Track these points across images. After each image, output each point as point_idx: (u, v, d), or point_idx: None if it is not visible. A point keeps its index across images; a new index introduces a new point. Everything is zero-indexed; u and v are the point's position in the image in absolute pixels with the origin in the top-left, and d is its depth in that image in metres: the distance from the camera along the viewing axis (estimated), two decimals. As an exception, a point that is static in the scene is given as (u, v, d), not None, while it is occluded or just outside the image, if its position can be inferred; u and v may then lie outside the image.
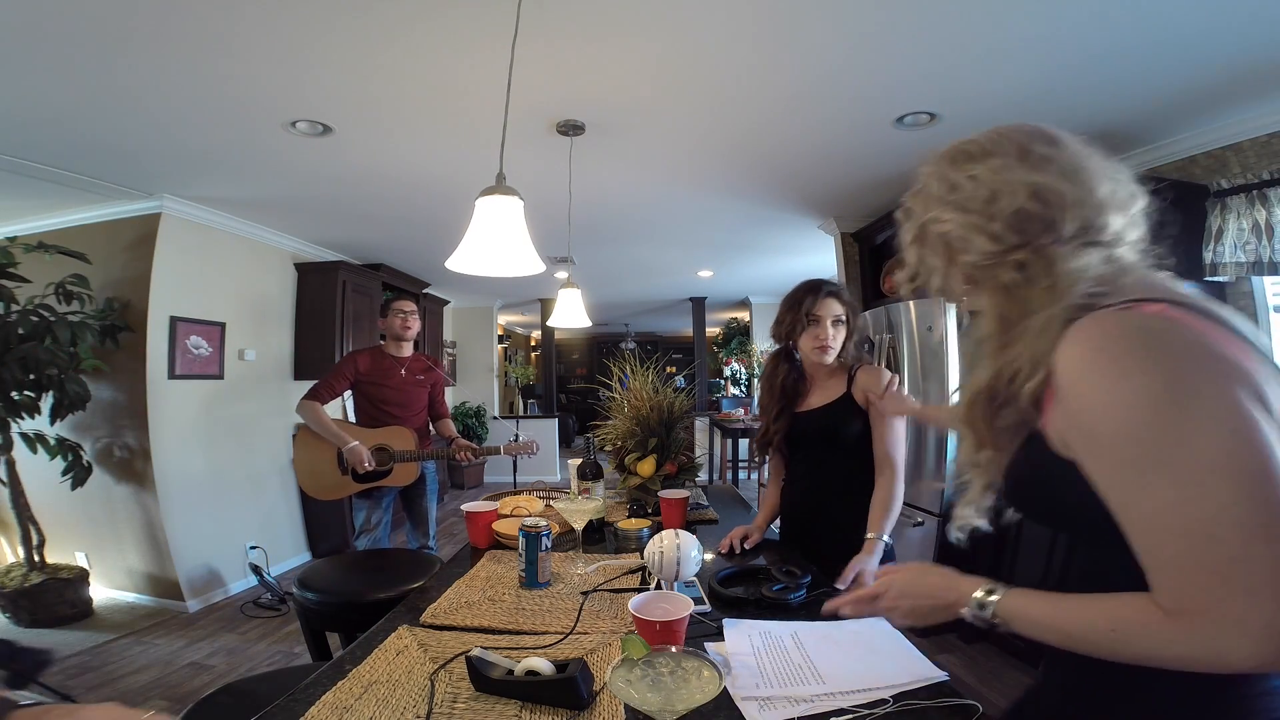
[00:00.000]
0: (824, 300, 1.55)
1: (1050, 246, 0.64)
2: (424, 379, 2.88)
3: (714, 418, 6.46)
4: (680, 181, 3.05)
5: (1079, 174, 0.64)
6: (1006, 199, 0.65)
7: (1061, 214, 0.63)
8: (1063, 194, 0.63)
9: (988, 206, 0.66)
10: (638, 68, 1.92)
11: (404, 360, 2.83)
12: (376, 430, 2.70)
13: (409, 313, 2.83)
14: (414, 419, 2.84)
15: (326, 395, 2.68)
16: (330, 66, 1.87)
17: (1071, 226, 0.63)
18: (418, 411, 2.87)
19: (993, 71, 1.93)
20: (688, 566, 1.16)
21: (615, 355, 2.49)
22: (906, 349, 2.96)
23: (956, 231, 0.68)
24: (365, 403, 2.79)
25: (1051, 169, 0.64)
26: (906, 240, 0.77)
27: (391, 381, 2.77)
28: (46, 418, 2.82)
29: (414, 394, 2.84)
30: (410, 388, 2.82)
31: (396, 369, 2.79)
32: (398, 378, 2.78)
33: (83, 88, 1.95)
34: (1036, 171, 0.64)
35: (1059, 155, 0.65)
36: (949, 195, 0.70)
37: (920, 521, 2.81)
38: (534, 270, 1.33)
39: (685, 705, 0.67)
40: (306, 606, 1.63)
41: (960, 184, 0.68)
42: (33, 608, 2.86)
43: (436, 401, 2.98)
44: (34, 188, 2.81)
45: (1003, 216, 0.65)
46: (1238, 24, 1.65)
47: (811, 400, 1.62)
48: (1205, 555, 0.48)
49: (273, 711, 0.80)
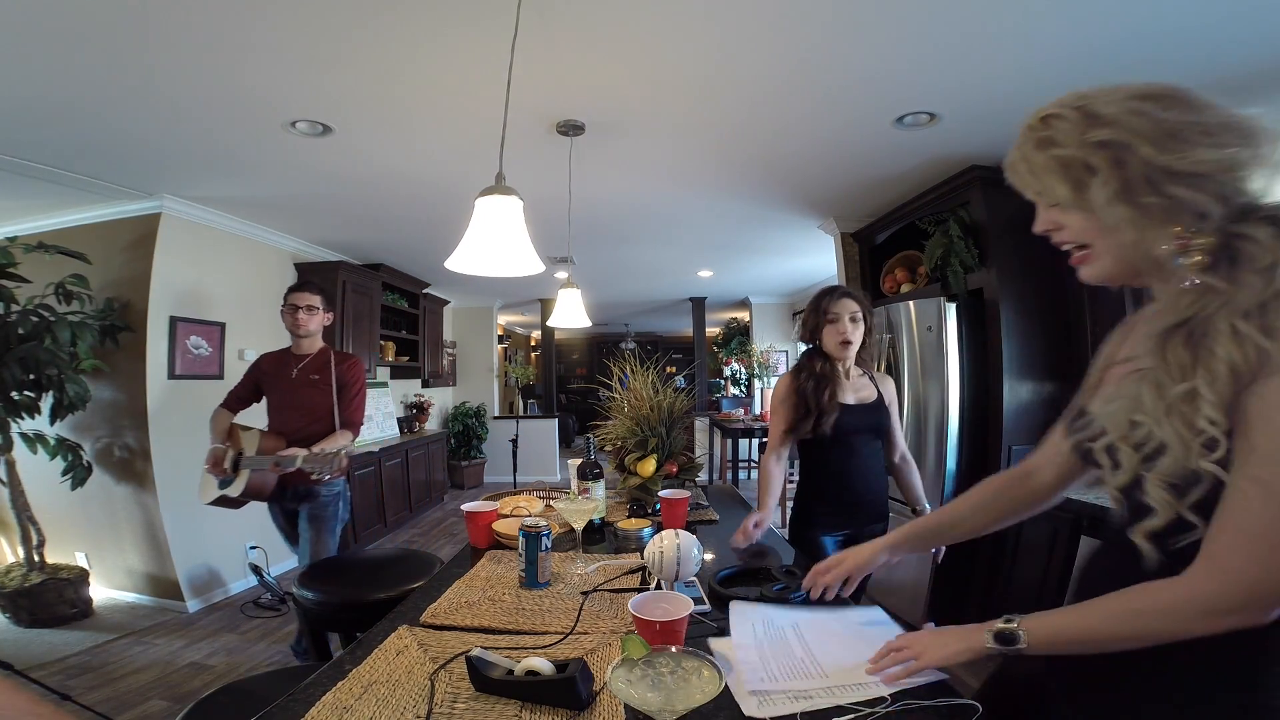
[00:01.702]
0: (840, 300, 1.77)
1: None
2: (320, 378, 2.42)
3: (714, 418, 6.46)
4: (680, 181, 3.05)
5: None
6: (1268, 145, 0.61)
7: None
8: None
9: (1248, 141, 0.60)
10: (638, 68, 1.92)
11: (303, 358, 2.47)
12: (245, 434, 2.36)
13: (302, 307, 2.42)
14: (310, 425, 2.36)
15: (231, 399, 2.47)
16: (330, 66, 1.87)
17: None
18: (317, 418, 2.39)
19: (993, 72, 1.93)
20: (688, 566, 1.16)
21: (615, 355, 2.47)
22: (906, 349, 2.96)
23: (1212, 169, 0.60)
24: (269, 405, 2.49)
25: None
26: (1106, 195, 0.64)
27: (283, 383, 2.43)
28: (46, 418, 2.81)
29: (307, 397, 2.40)
30: (302, 389, 2.41)
31: (290, 368, 2.44)
32: (287, 379, 2.43)
33: (83, 88, 1.95)
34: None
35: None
36: (1194, 133, 0.60)
37: (920, 521, 2.80)
38: (533, 270, 1.33)
39: (685, 705, 0.67)
40: (306, 606, 1.63)
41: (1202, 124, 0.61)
42: (33, 608, 2.86)
43: (338, 407, 2.41)
44: (34, 188, 2.81)
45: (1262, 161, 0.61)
46: (1238, 24, 1.65)
47: (847, 396, 1.79)
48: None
49: (273, 711, 0.80)
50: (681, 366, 8.72)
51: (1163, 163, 0.60)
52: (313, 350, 2.50)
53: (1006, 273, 2.61)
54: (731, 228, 4.02)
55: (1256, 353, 0.55)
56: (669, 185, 3.11)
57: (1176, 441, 0.59)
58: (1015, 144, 0.73)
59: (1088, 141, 0.64)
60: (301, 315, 2.43)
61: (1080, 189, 0.66)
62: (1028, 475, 0.93)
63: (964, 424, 2.73)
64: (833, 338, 1.77)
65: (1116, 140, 0.63)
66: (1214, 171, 0.60)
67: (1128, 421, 0.64)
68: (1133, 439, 0.63)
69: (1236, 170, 0.60)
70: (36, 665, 2.44)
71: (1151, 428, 0.61)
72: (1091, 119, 0.65)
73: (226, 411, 2.47)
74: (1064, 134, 0.66)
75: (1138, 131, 0.62)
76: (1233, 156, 0.60)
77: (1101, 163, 0.64)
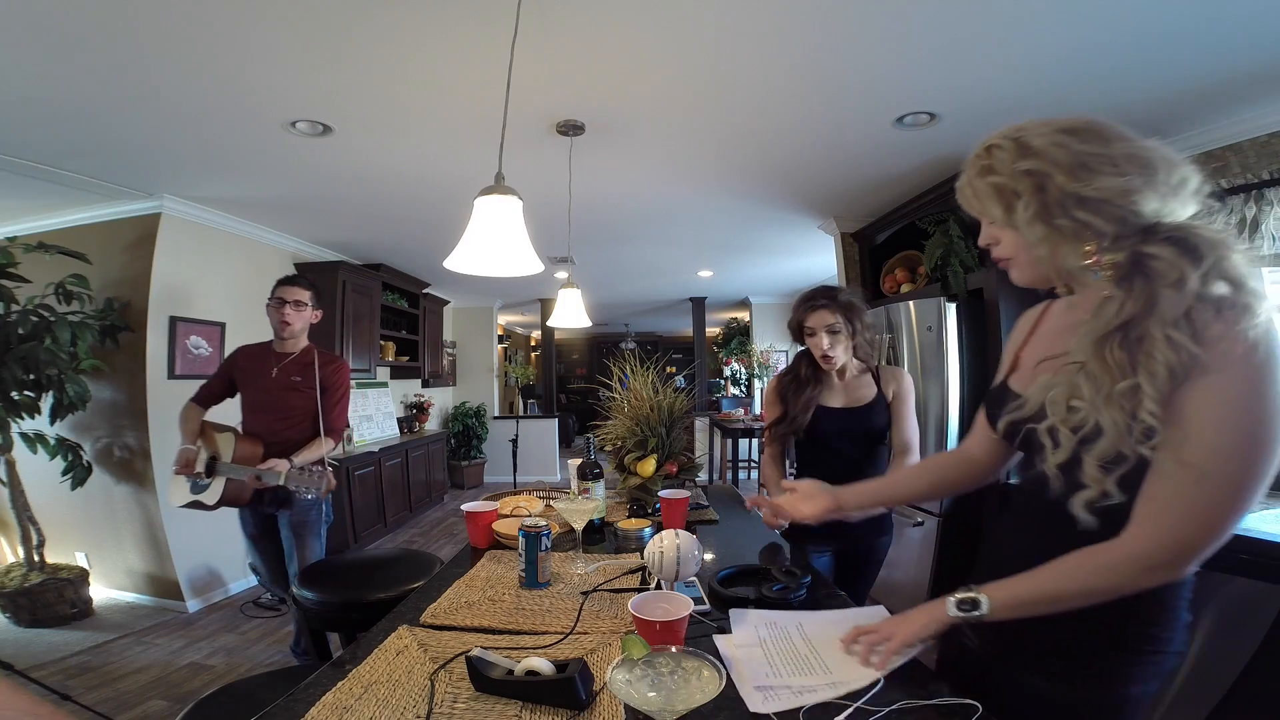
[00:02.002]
0: (814, 312, 1.66)
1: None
2: (301, 380, 2.30)
3: (714, 418, 6.46)
4: (680, 181, 3.05)
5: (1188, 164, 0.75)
6: (1163, 172, 0.71)
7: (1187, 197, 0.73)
8: (1188, 181, 0.73)
9: (1145, 170, 0.71)
10: (638, 68, 1.92)
11: (284, 357, 2.33)
12: (220, 435, 2.22)
13: (289, 301, 2.28)
14: (286, 430, 2.27)
15: (203, 394, 2.31)
16: (330, 66, 1.87)
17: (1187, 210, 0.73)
18: (293, 422, 2.28)
19: (993, 72, 1.93)
20: (688, 566, 1.16)
21: (615, 355, 2.46)
22: (906, 349, 2.96)
23: (1113, 196, 0.70)
24: (242, 404, 2.35)
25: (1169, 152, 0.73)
26: (1028, 217, 0.75)
27: (259, 381, 2.30)
28: (46, 418, 2.82)
29: (284, 399, 2.28)
30: (280, 390, 2.28)
31: (269, 367, 2.30)
32: (265, 378, 2.29)
33: (83, 88, 1.95)
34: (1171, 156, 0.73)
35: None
36: (1101, 164, 0.71)
37: (920, 521, 2.81)
38: (533, 270, 1.33)
39: (685, 705, 0.67)
40: (306, 606, 1.63)
41: (1108, 156, 0.71)
42: (33, 608, 2.86)
43: (319, 413, 2.29)
44: (34, 188, 2.81)
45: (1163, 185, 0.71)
46: (1238, 24, 1.65)
47: (833, 399, 1.72)
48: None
49: (273, 711, 0.80)
50: (681, 366, 8.71)
51: (1072, 189, 0.71)
52: (296, 349, 2.35)
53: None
54: (732, 228, 4.02)
55: (1189, 356, 0.65)
56: (669, 185, 3.11)
57: (1113, 427, 0.69)
58: (964, 171, 0.82)
59: (1017, 170, 0.75)
60: (288, 311, 2.28)
61: (1010, 210, 0.77)
62: (966, 459, 1.07)
63: (964, 424, 2.73)
64: (815, 351, 1.71)
65: (1039, 169, 0.73)
66: (1113, 198, 0.70)
67: (1066, 407, 0.73)
68: (1070, 422, 0.73)
69: (1131, 195, 0.70)
70: (36, 665, 2.45)
71: (1089, 414, 0.71)
72: (1023, 149, 0.75)
73: (197, 407, 2.31)
74: (1000, 162, 0.77)
75: (1057, 162, 0.72)
76: (1127, 184, 0.70)
77: (1025, 188, 0.74)
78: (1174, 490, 0.67)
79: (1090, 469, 0.71)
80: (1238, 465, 0.65)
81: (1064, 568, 0.74)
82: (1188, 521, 0.67)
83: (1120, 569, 0.71)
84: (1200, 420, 0.65)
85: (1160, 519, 0.69)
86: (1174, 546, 0.68)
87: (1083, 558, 0.73)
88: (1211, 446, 0.65)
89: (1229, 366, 0.64)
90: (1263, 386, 0.64)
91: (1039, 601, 0.76)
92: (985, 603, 0.79)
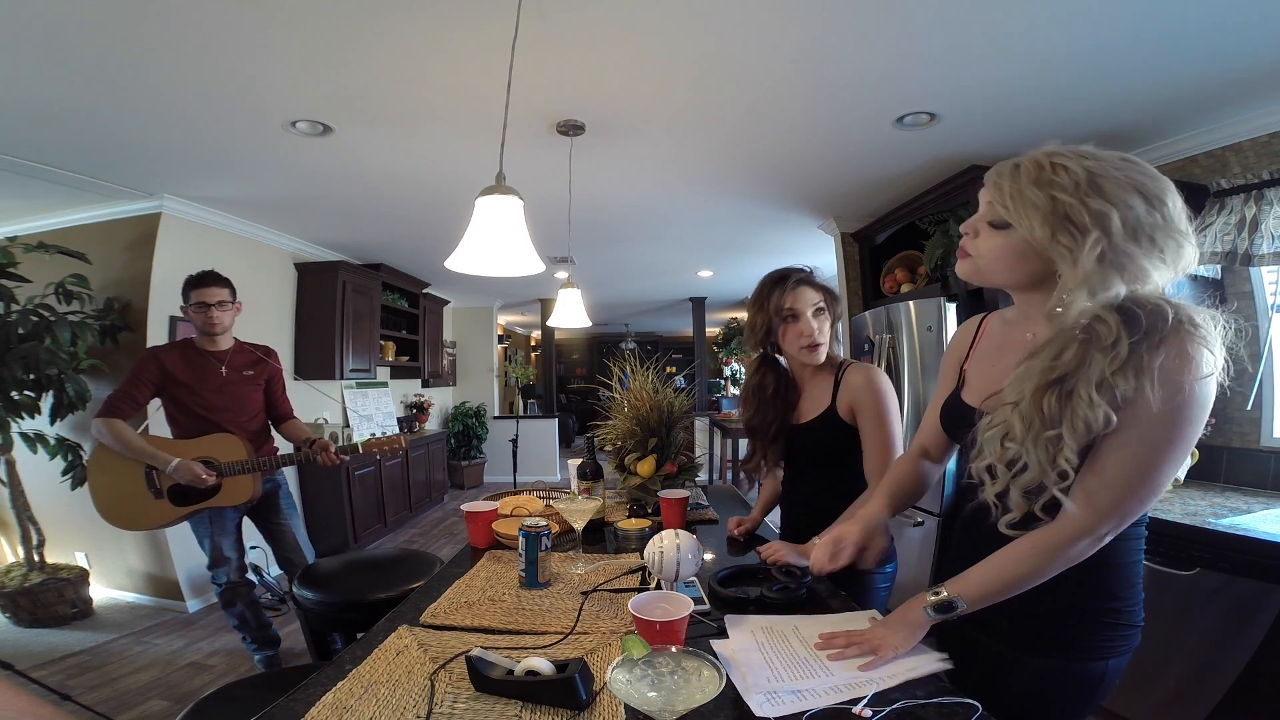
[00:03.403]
0: (796, 291, 1.39)
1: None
2: (254, 374, 2.40)
3: (714, 418, 6.47)
4: (680, 181, 3.05)
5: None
6: (1184, 261, 0.77)
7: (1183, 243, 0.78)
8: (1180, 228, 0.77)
9: (1175, 253, 0.76)
10: (638, 68, 1.92)
11: (222, 355, 2.35)
12: (196, 441, 2.25)
13: (213, 304, 2.28)
14: (248, 423, 2.38)
15: (127, 408, 2.21)
16: (330, 66, 1.87)
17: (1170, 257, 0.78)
18: (252, 415, 2.40)
19: (993, 72, 1.93)
20: (688, 566, 1.16)
21: (615, 355, 2.46)
22: (906, 349, 2.96)
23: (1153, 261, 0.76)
24: (179, 411, 2.30)
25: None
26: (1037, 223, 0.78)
27: (210, 382, 2.29)
28: (46, 418, 2.82)
29: (242, 394, 2.37)
30: (236, 386, 2.35)
31: (215, 366, 2.31)
32: (217, 377, 2.31)
33: (83, 88, 1.95)
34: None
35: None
36: (1155, 234, 0.76)
37: (920, 521, 2.81)
38: (533, 270, 1.33)
39: (685, 705, 0.67)
40: (306, 606, 1.63)
41: (1168, 228, 0.76)
42: (33, 607, 2.86)
43: (277, 401, 2.49)
44: (34, 188, 2.81)
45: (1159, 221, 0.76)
46: (1238, 23, 1.65)
47: (804, 410, 1.48)
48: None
49: (273, 711, 0.80)
50: (681, 366, 8.72)
51: (1123, 248, 0.74)
52: (228, 345, 2.39)
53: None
54: (732, 228, 4.02)
55: (1104, 416, 0.74)
56: (669, 185, 3.11)
57: (1036, 465, 0.78)
58: (1015, 167, 0.82)
59: (1087, 204, 0.75)
60: (215, 312, 2.28)
61: (1054, 232, 0.77)
62: (925, 453, 1.17)
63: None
64: (794, 341, 1.40)
65: (1104, 214, 0.75)
66: (1142, 263, 0.75)
67: (1000, 445, 0.82)
68: (1004, 457, 0.82)
69: (1152, 272, 0.75)
70: (36, 665, 2.45)
71: (1019, 450, 0.80)
72: (1095, 186, 0.75)
73: (126, 424, 2.22)
74: (1066, 186, 0.76)
75: (1124, 219, 0.74)
76: (1159, 259, 0.75)
77: (1090, 225, 0.75)
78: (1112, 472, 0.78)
79: (1015, 496, 0.81)
80: (1159, 445, 0.76)
81: (1018, 553, 0.84)
82: (1109, 504, 0.78)
83: (1069, 542, 0.80)
84: (1113, 471, 0.77)
85: (1096, 494, 0.78)
86: (1094, 525, 0.79)
87: (1035, 539, 0.82)
88: (1137, 428, 0.75)
89: (1139, 426, 0.74)
90: (1167, 447, 0.75)
91: (1004, 588, 0.85)
92: (961, 602, 0.87)
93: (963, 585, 0.88)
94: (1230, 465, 2.24)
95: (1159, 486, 0.78)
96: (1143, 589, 0.89)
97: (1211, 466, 2.26)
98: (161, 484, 2.22)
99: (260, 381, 2.44)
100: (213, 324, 2.30)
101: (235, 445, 2.26)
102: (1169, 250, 0.76)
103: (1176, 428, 0.74)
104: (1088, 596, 0.86)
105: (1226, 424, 2.27)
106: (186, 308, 2.31)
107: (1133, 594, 0.88)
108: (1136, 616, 0.88)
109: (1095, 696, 0.88)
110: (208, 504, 2.24)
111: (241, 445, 2.27)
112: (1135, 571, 0.88)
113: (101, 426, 2.17)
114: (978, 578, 0.87)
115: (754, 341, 1.49)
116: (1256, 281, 2.22)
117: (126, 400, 2.22)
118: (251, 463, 2.26)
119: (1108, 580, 0.86)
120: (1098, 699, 0.88)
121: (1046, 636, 0.88)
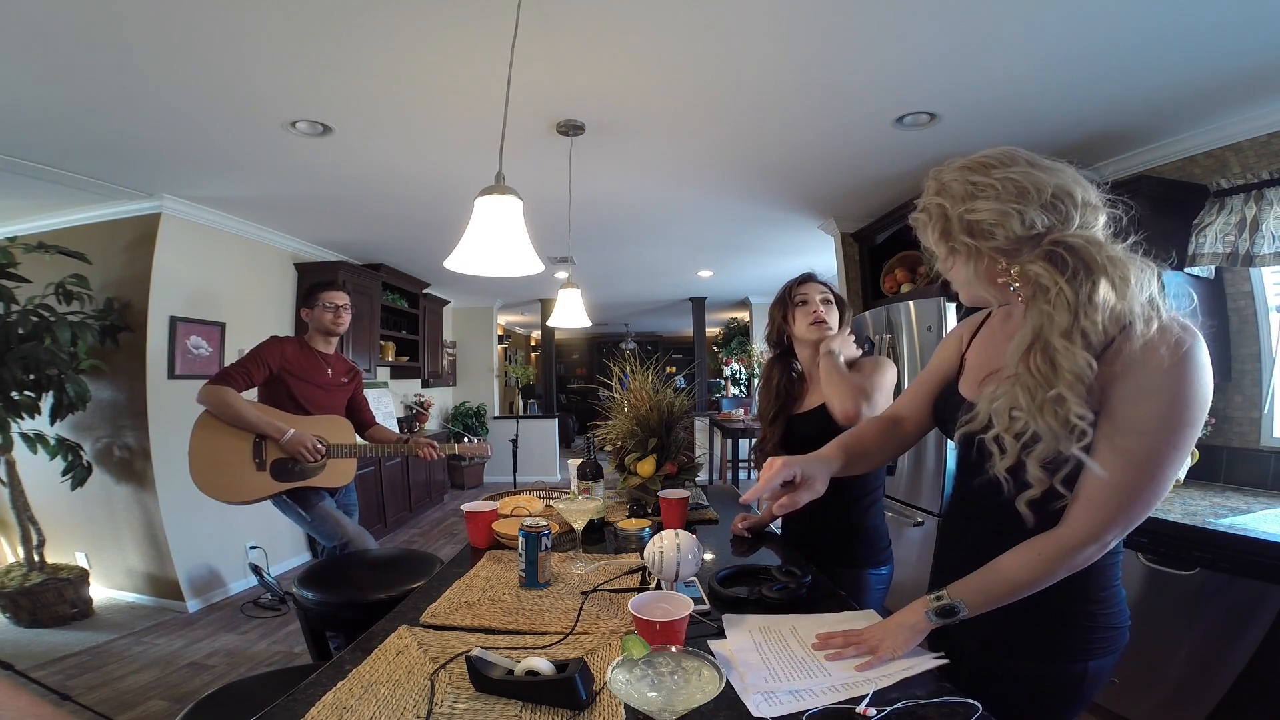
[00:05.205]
0: (807, 284, 1.65)
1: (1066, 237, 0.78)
2: (348, 381, 2.58)
3: (714, 418, 6.46)
4: (680, 181, 3.05)
5: (1078, 181, 0.81)
6: (1035, 193, 0.79)
7: (1073, 210, 0.79)
8: (1073, 194, 0.79)
9: (1020, 198, 0.79)
10: (638, 68, 1.92)
11: (329, 358, 2.52)
12: (309, 418, 2.33)
13: (342, 306, 2.50)
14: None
15: (241, 381, 2.26)
16: (330, 66, 1.87)
17: (1077, 221, 0.79)
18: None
19: (992, 72, 1.93)
20: (688, 566, 1.16)
21: (615, 355, 2.46)
22: (906, 349, 2.96)
23: (991, 218, 0.80)
24: (282, 398, 2.37)
25: (1063, 175, 0.80)
26: (934, 236, 0.88)
27: (318, 379, 2.44)
28: (46, 418, 2.82)
29: (337, 397, 2.52)
30: (335, 390, 2.50)
31: (323, 367, 2.47)
32: (325, 376, 2.46)
33: (83, 88, 1.95)
34: (1052, 175, 0.80)
35: (1057, 166, 0.81)
36: (981, 192, 0.81)
37: (920, 521, 2.81)
38: (533, 270, 1.33)
39: (685, 705, 0.67)
40: (306, 606, 1.63)
41: (991, 183, 0.81)
42: (33, 608, 2.86)
43: (362, 408, 2.64)
44: (34, 188, 2.81)
45: (1034, 205, 0.79)
46: (1238, 23, 1.65)
47: (809, 401, 1.62)
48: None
49: (273, 711, 0.80)
50: (681, 366, 8.73)
51: (960, 214, 0.82)
52: (332, 350, 2.55)
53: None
54: (732, 228, 4.02)
55: (1086, 362, 0.74)
56: (669, 185, 3.11)
57: (1049, 433, 0.76)
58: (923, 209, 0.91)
59: (931, 203, 0.86)
60: (345, 314, 2.49)
61: (953, 234, 0.85)
62: (896, 422, 1.14)
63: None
64: (804, 322, 1.60)
65: (942, 201, 0.84)
66: (991, 219, 0.79)
67: (1009, 416, 0.81)
68: (1013, 430, 0.80)
69: (1009, 217, 0.78)
70: (36, 665, 2.45)
71: (1027, 420, 0.78)
72: (939, 185, 0.86)
73: (238, 394, 2.27)
74: (925, 197, 0.88)
75: (954, 194, 0.83)
76: (1002, 206, 0.79)
77: (935, 217, 0.86)
78: (1103, 484, 0.77)
79: (1033, 469, 0.79)
80: (1160, 447, 0.75)
81: (1021, 559, 0.83)
82: (1122, 497, 0.77)
83: (1073, 549, 0.79)
84: (1126, 414, 0.76)
85: (1100, 498, 0.78)
86: (1115, 519, 0.78)
87: (1038, 545, 0.82)
88: (1138, 431, 0.75)
89: (1138, 369, 0.74)
90: (1177, 381, 0.73)
91: (1008, 593, 0.84)
92: (963, 606, 0.86)
93: (965, 590, 0.87)
94: (1230, 465, 2.25)
95: (1162, 488, 0.77)
96: (1123, 588, 0.89)
97: (1211, 466, 2.26)
98: (267, 455, 2.24)
99: (351, 389, 2.60)
100: (339, 323, 2.49)
101: (346, 429, 2.39)
102: (1016, 198, 0.79)
103: (1176, 427, 0.74)
104: (1063, 599, 0.86)
105: (1226, 424, 2.27)
106: (308, 308, 2.48)
107: (1110, 595, 0.87)
108: (1117, 618, 0.87)
109: (1079, 698, 0.88)
110: (307, 483, 2.28)
111: (351, 430, 2.40)
112: (1112, 574, 0.88)
113: (214, 393, 2.19)
114: (980, 582, 0.86)
115: (772, 336, 1.71)
116: (1257, 282, 2.21)
117: (241, 373, 2.27)
118: (358, 448, 2.36)
119: (1083, 583, 0.85)
120: (1082, 700, 0.88)
121: (1025, 640, 0.88)
